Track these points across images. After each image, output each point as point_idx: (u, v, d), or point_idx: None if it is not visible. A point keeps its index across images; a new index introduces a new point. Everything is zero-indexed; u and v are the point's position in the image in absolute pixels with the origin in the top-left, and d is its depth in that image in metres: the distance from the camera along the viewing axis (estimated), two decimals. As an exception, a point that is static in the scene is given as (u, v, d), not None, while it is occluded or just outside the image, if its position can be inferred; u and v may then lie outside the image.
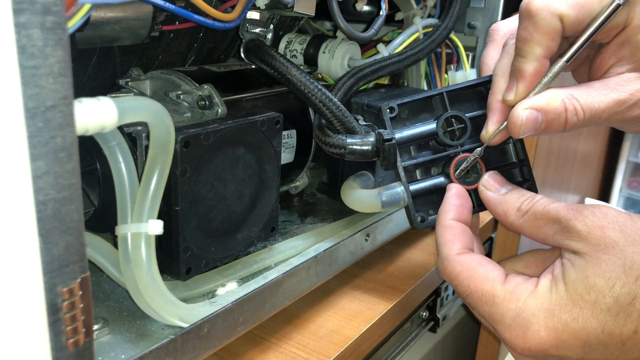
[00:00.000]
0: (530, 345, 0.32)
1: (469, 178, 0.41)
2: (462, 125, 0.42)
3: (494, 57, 0.43)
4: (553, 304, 0.32)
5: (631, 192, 1.42)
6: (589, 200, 1.19)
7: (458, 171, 0.41)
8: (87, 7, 0.29)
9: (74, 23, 0.29)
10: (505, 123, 0.38)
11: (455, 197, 0.39)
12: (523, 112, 0.36)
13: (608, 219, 0.32)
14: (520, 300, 0.33)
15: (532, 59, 0.36)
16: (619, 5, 0.35)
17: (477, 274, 0.35)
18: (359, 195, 0.45)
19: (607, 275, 0.31)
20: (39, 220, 0.22)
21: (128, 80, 0.44)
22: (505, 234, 0.73)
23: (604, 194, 1.38)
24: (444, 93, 0.43)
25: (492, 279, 0.35)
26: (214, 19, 0.38)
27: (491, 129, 0.39)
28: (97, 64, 0.46)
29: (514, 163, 0.43)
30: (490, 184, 0.40)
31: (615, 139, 1.31)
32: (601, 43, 0.37)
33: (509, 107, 0.38)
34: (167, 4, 0.35)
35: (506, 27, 0.44)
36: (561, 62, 0.36)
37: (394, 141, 0.41)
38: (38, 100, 0.21)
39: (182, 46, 0.52)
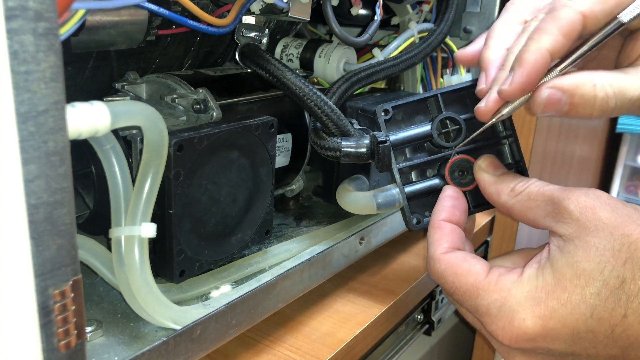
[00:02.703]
0: (517, 335, 0.32)
1: (464, 179, 0.42)
2: (457, 126, 0.43)
3: (502, 27, 0.39)
4: (539, 291, 0.32)
5: (628, 196, 1.42)
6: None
7: (454, 171, 0.41)
8: (81, 12, 0.29)
9: (68, 28, 0.29)
10: (517, 101, 0.36)
11: (448, 198, 0.40)
12: (545, 90, 0.34)
13: (600, 200, 0.32)
14: (505, 290, 0.33)
15: (535, 48, 0.33)
16: (621, 24, 0.34)
17: (461, 269, 0.35)
18: (355, 198, 0.46)
19: (597, 259, 0.31)
20: (30, 223, 0.22)
21: (124, 83, 0.44)
22: (501, 237, 0.73)
23: (602, 198, 1.38)
24: (438, 95, 0.43)
25: (475, 272, 0.34)
26: (208, 24, 0.39)
27: (492, 104, 0.36)
28: (94, 67, 0.46)
29: (509, 164, 0.43)
30: (487, 165, 0.40)
31: (612, 143, 1.32)
32: (632, 30, 0.36)
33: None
34: (161, 10, 0.35)
35: (523, 2, 0.40)
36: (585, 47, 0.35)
37: (388, 143, 0.42)
38: (30, 105, 0.21)
39: (179, 50, 0.52)
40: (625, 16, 0.34)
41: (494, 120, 0.37)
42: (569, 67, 0.35)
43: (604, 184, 1.37)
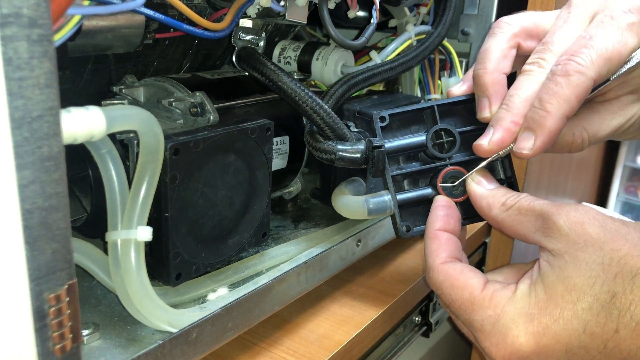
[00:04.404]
0: (511, 352, 0.32)
1: (456, 190, 0.42)
2: (452, 138, 0.43)
3: (501, 50, 0.41)
4: (532, 308, 0.32)
5: (628, 196, 1.42)
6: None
7: (446, 182, 0.42)
8: (77, 17, 0.29)
9: (64, 33, 0.29)
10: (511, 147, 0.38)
11: (441, 207, 0.40)
12: None
13: (589, 215, 0.33)
14: (499, 307, 0.33)
15: (557, 116, 0.35)
16: (608, 80, 0.36)
17: (458, 282, 0.35)
18: (347, 202, 0.46)
19: (587, 274, 0.31)
20: (25, 228, 0.23)
21: (122, 87, 0.45)
22: (499, 239, 0.73)
23: (601, 199, 1.38)
24: (435, 107, 0.43)
25: (471, 286, 0.35)
26: (204, 29, 0.39)
27: (494, 146, 0.38)
28: (92, 71, 0.46)
29: (501, 180, 0.44)
30: (479, 178, 0.40)
31: (612, 144, 1.32)
32: None
33: (517, 130, 0.38)
34: (157, 14, 0.35)
35: (517, 23, 0.42)
36: None
37: (383, 149, 0.42)
38: (24, 111, 0.22)
39: (177, 53, 0.52)
40: (613, 76, 0.37)
41: (491, 159, 0.39)
42: None
43: (604, 185, 1.37)
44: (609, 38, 0.35)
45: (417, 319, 0.60)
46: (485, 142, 0.39)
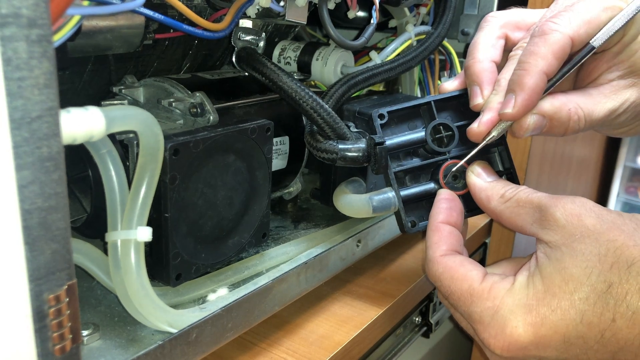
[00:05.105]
0: (509, 343, 0.32)
1: (458, 184, 0.42)
2: (450, 133, 0.43)
3: (488, 40, 0.42)
4: (530, 299, 0.32)
5: (629, 197, 1.42)
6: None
7: (447, 176, 0.42)
8: (76, 17, 0.29)
9: (63, 34, 0.29)
10: (506, 124, 0.39)
11: (444, 200, 0.40)
12: (531, 117, 0.38)
13: (586, 207, 0.33)
14: (498, 298, 0.33)
15: (535, 72, 0.36)
16: (593, 48, 0.37)
17: (457, 274, 0.35)
18: (350, 200, 0.46)
19: (583, 264, 0.31)
20: (24, 228, 0.23)
21: (122, 87, 0.45)
22: (499, 239, 0.73)
23: (601, 199, 1.38)
24: (432, 102, 0.44)
25: (470, 278, 0.35)
26: (204, 29, 0.39)
27: (484, 127, 0.39)
28: (92, 71, 0.46)
29: (500, 172, 0.44)
30: (479, 171, 0.41)
31: (612, 144, 1.32)
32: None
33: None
34: (157, 15, 0.35)
35: (503, 16, 0.43)
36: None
37: (385, 145, 0.42)
38: (24, 111, 0.22)
39: (177, 53, 0.52)
40: (596, 41, 0.37)
41: (485, 142, 0.40)
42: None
43: (604, 185, 1.37)
44: (591, 6, 0.36)
45: (417, 319, 0.60)
46: (475, 125, 0.40)
